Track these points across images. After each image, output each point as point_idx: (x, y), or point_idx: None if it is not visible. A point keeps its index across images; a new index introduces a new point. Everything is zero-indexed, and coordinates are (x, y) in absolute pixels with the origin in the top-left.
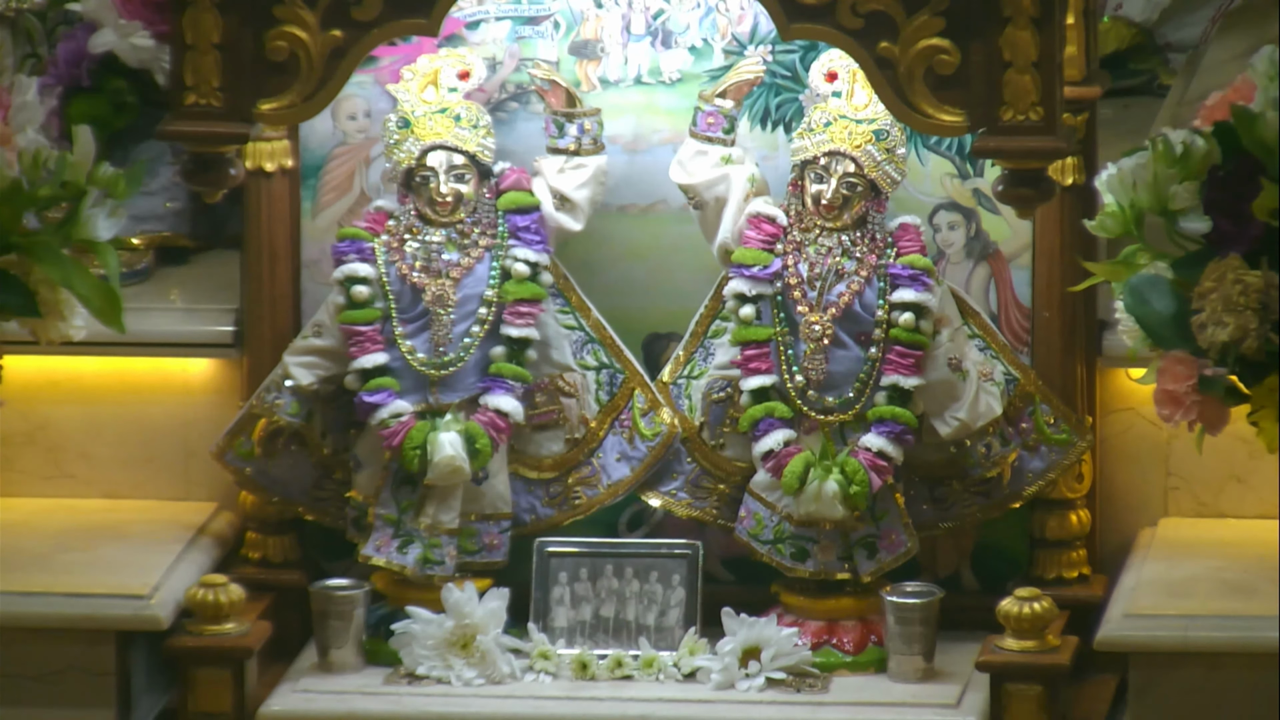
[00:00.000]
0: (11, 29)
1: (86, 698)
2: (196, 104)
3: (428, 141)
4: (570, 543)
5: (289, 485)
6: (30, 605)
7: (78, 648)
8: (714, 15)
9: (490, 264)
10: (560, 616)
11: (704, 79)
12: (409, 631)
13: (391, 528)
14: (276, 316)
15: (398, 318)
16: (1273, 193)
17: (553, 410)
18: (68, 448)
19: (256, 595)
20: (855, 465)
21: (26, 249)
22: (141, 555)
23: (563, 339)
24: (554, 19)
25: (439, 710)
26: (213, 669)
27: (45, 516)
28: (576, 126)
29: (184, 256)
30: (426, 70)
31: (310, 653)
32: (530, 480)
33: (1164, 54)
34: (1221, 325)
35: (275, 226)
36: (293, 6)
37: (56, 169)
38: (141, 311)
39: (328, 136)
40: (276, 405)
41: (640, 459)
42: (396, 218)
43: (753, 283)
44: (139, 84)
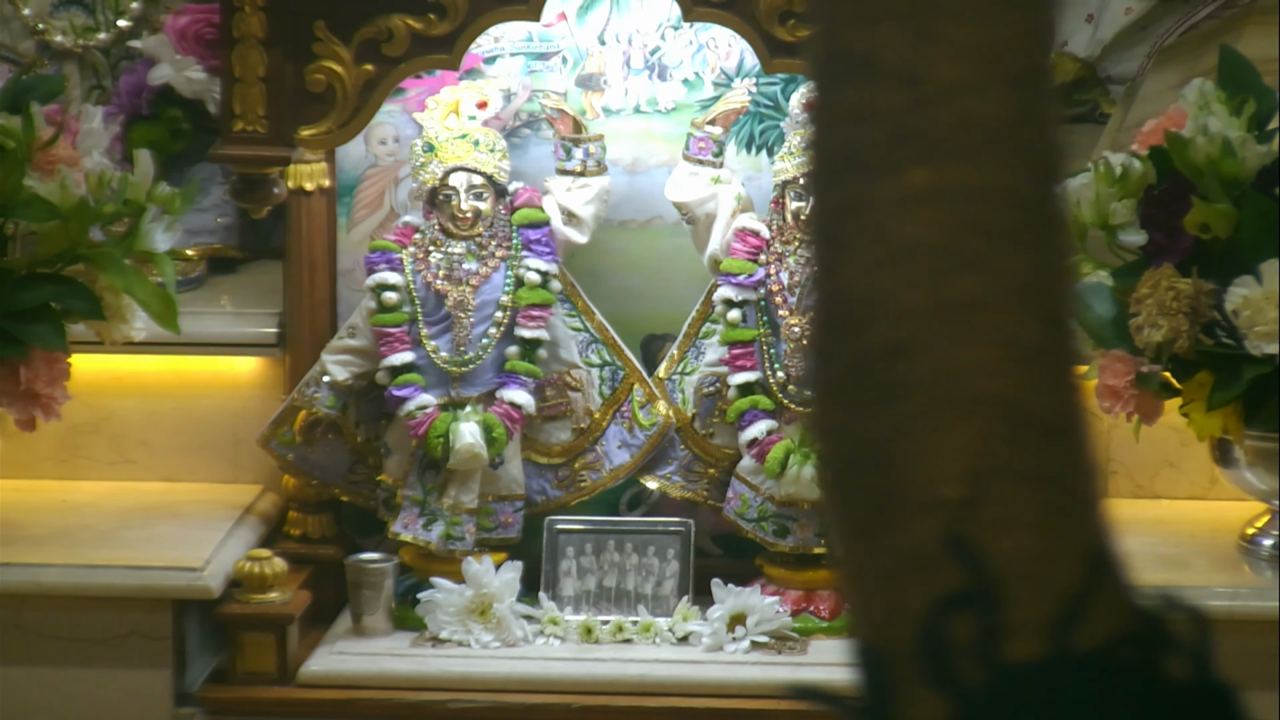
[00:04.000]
0: (79, 64)
1: (146, 659)
2: (244, 130)
3: (450, 164)
4: (577, 521)
5: (326, 470)
6: (95, 577)
7: (138, 615)
8: (704, 51)
9: (505, 273)
10: (568, 586)
11: (696, 108)
12: (433, 600)
13: (418, 508)
14: (315, 320)
15: (423, 321)
16: (1202, 210)
17: (561, 403)
18: (129, 436)
19: (297, 568)
20: None
21: (92, 259)
22: (195, 532)
23: (570, 339)
24: (562, 55)
25: (460, 670)
26: (258, 633)
27: (109, 498)
28: (582, 150)
29: (233, 266)
30: (449, 100)
31: (345, 619)
32: (541, 465)
33: (1105, 86)
34: (1156, 327)
35: (314, 239)
36: (330, 44)
37: (119, 188)
38: (195, 315)
39: (361, 159)
40: (315, 398)
41: (639, 446)
42: (422, 231)
43: (739, 289)
44: (193, 113)
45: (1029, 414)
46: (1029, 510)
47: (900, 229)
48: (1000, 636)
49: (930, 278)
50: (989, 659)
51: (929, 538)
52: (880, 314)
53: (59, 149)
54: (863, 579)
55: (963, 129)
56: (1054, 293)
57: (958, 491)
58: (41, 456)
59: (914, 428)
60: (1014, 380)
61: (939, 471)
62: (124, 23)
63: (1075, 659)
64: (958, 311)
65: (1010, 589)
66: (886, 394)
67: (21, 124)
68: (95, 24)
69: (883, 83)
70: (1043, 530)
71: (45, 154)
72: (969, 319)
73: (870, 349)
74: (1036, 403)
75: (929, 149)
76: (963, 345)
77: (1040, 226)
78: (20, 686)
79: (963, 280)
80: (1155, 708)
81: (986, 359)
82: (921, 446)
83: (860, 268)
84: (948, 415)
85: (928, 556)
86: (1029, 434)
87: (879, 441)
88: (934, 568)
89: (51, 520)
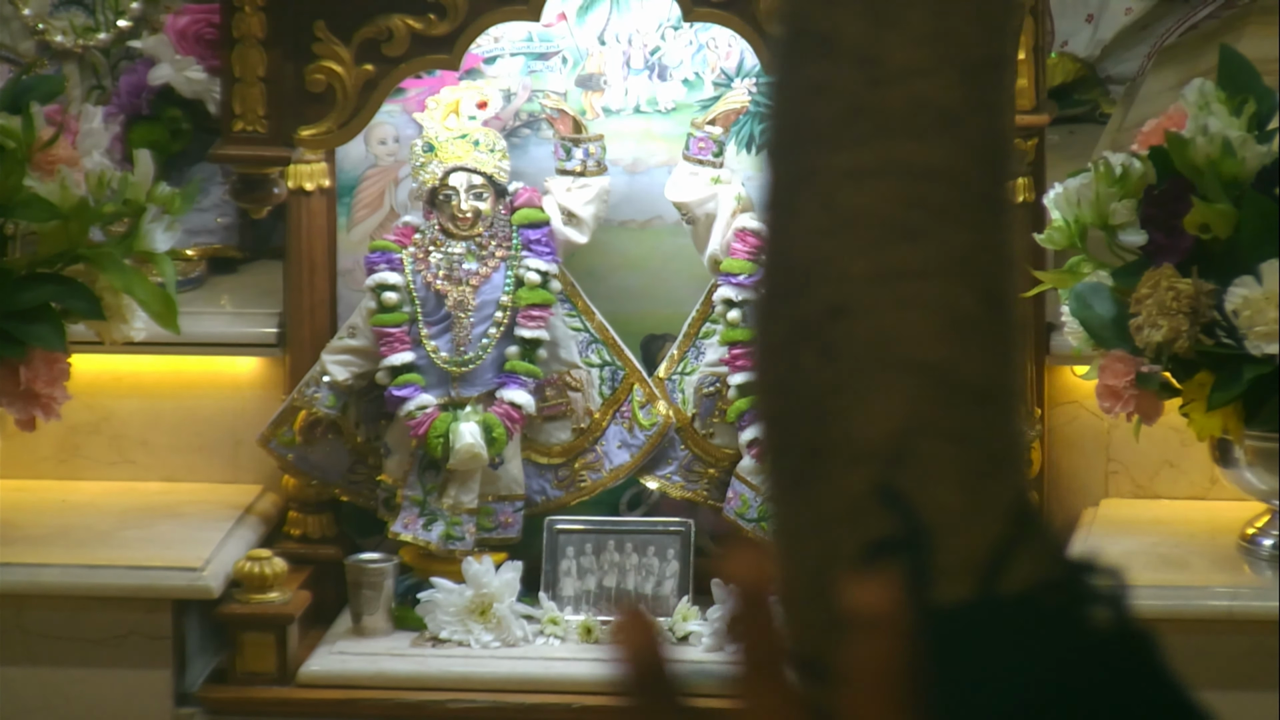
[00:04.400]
0: (79, 64)
1: (146, 659)
2: (244, 130)
3: (450, 164)
4: (577, 520)
5: (326, 470)
6: (95, 576)
7: (138, 614)
8: (704, 51)
9: (505, 273)
10: (568, 586)
11: (696, 108)
12: (433, 600)
13: (417, 507)
14: (315, 320)
15: (423, 320)
16: (1201, 210)
17: (561, 403)
18: (129, 436)
19: (297, 568)
20: None
21: (92, 259)
22: (195, 532)
23: (570, 339)
24: (562, 55)
25: (460, 670)
26: (258, 633)
27: (109, 498)
28: (582, 151)
29: (233, 266)
30: (449, 100)
31: (345, 619)
32: (541, 465)
33: (1105, 86)
34: (1156, 327)
35: (314, 240)
36: (329, 44)
37: (119, 188)
38: (195, 315)
39: (360, 159)
40: (315, 398)
41: (639, 446)
42: (422, 231)
43: (739, 289)
44: (193, 113)
45: (958, 379)
46: (954, 467)
47: (847, 199)
48: (929, 580)
49: (872, 246)
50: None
51: (860, 488)
52: (823, 278)
53: (59, 149)
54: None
55: (913, 110)
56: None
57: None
58: (41, 456)
59: (848, 385)
60: (946, 347)
61: (869, 427)
62: (124, 23)
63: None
64: (896, 279)
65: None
66: (824, 352)
67: (21, 124)
68: (95, 24)
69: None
70: (967, 486)
71: (45, 154)
72: (906, 287)
73: (811, 310)
74: (967, 369)
75: (880, 127)
76: (899, 311)
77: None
78: (20, 686)
79: (902, 250)
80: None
81: (920, 325)
82: (854, 403)
83: (806, 234)
84: (881, 376)
85: (859, 506)
86: (957, 397)
87: (815, 397)
88: (865, 516)
89: (51, 520)
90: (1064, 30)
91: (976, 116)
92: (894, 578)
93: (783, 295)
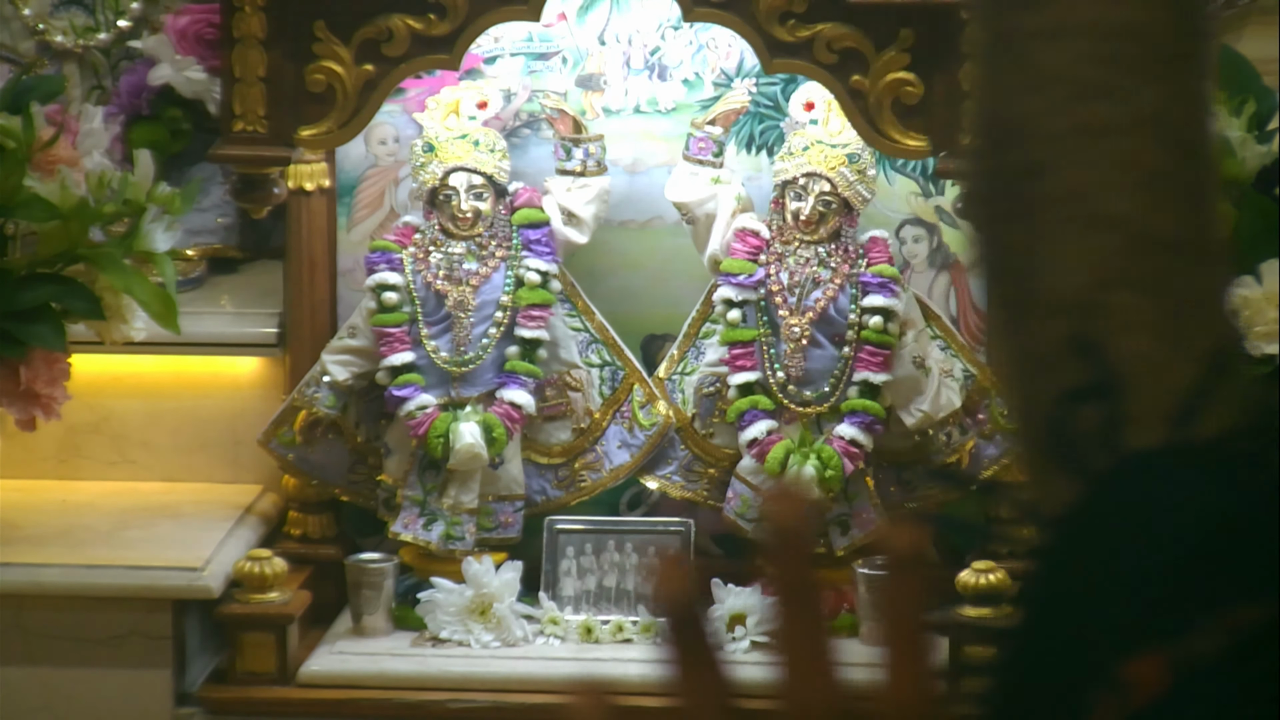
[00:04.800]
0: (79, 64)
1: (146, 659)
2: (244, 130)
3: (450, 164)
4: (577, 520)
5: (327, 469)
6: (95, 576)
7: (138, 614)
8: (704, 51)
9: (505, 273)
10: (568, 586)
11: (696, 108)
12: (433, 600)
13: (418, 507)
14: (315, 320)
15: (423, 320)
16: None
17: (561, 403)
18: (130, 436)
19: (297, 568)
20: (830, 452)
21: (92, 259)
22: (195, 532)
23: (570, 340)
24: (562, 55)
25: (460, 670)
26: (258, 633)
27: (109, 498)
28: (582, 151)
29: (233, 266)
30: (449, 100)
31: (345, 619)
32: (541, 465)
33: None
34: None
35: (314, 240)
36: (330, 44)
37: (119, 188)
38: (195, 315)
39: (361, 159)
40: (315, 398)
41: (639, 446)
42: (422, 231)
43: (739, 289)
44: (193, 113)
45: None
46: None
47: (1041, 59)
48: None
49: (1066, 104)
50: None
51: (1056, 338)
52: (1020, 136)
53: (59, 149)
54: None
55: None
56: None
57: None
58: (41, 456)
59: (1043, 240)
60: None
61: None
62: (124, 23)
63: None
64: (1088, 136)
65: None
66: (1022, 209)
67: (21, 124)
68: (95, 24)
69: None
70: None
71: (45, 154)
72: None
73: (1010, 166)
74: (1158, 222)
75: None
76: (1091, 168)
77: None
78: (20, 686)
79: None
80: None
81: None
82: (1049, 256)
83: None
84: (1074, 230)
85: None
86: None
87: (1014, 250)
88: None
89: (51, 520)
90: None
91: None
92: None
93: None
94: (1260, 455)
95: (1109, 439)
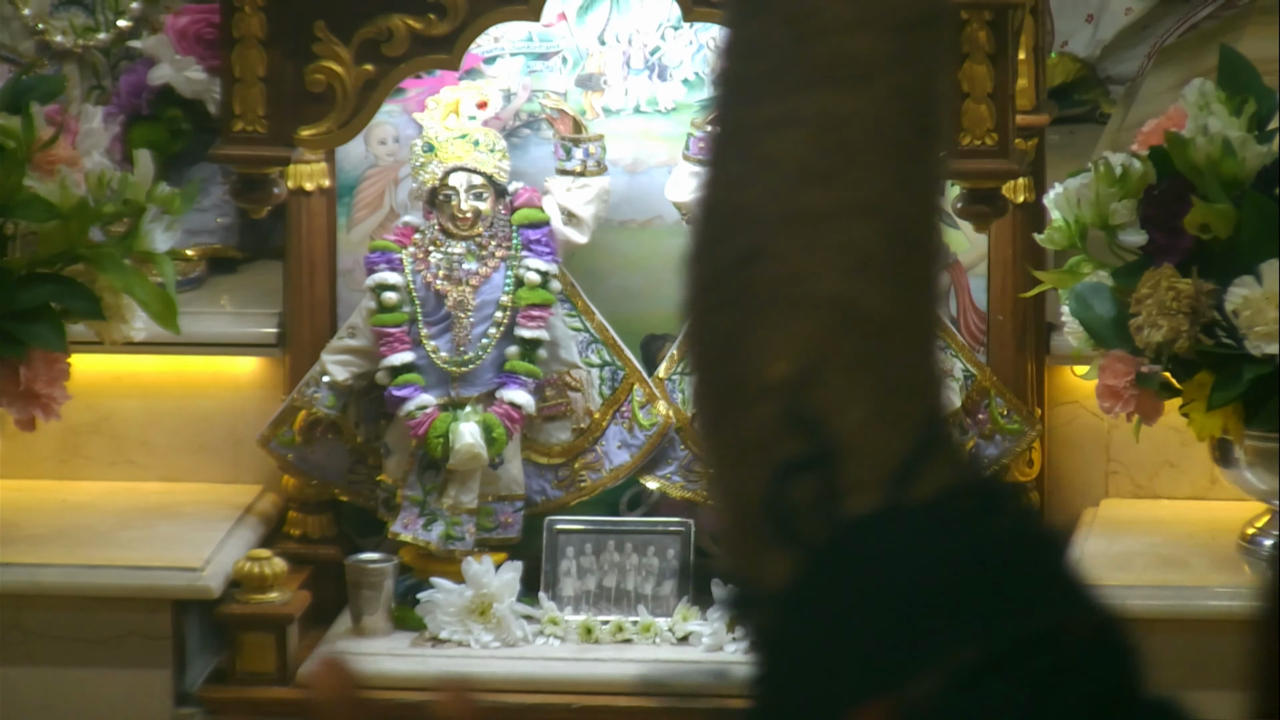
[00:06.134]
0: (79, 64)
1: (146, 659)
2: (244, 131)
3: (450, 164)
4: (577, 521)
5: (326, 470)
6: (95, 577)
7: (137, 615)
8: (704, 51)
9: (505, 273)
10: (568, 586)
11: (696, 108)
12: (433, 600)
13: (417, 508)
14: (315, 320)
15: (423, 320)
16: (1202, 210)
17: (561, 403)
18: (129, 436)
19: (297, 568)
20: None
21: (92, 259)
22: (195, 532)
23: (570, 340)
24: (562, 55)
25: (460, 670)
26: (258, 634)
27: (109, 498)
28: (582, 151)
29: (233, 266)
30: (449, 100)
31: (345, 619)
32: (541, 465)
33: (1105, 86)
34: (1156, 327)
35: (314, 240)
36: (329, 44)
37: (119, 188)
38: (195, 315)
39: (360, 159)
40: (315, 399)
41: (639, 446)
42: (422, 231)
43: None
44: (193, 113)
45: (862, 312)
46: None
47: (767, 147)
48: (839, 495)
49: (785, 190)
50: (830, 515)
51: (767, 419)
52: (739, 225)
53: (59, 149)
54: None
55: (836, 62)
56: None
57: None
58: (41, 456)
59: (755, 324)
60: (850, 283)
61: (775, 361)
62: (124, 23)
63: (909, 510)
64: (805, 221)
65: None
66: (737, 295)
67: (21, 124)
68: (95, 24)
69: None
70: (873, 408)
71: (45, 154)
72: (814, 228)
73: (728, 256)
74: (870, 303)
75: (802, 79)
76: (806, 252)
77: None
78: (20, 686)
79: (813, 193)
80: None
81: (825, 264)
82: (761, 339)
83: (730, 182)
84: (785, 312)
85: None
86: (861, 329)
87: (726, 337)
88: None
89: (51, 520)
90: (1064, 30)
91: (901, 69)
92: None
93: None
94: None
95: (827, 509)
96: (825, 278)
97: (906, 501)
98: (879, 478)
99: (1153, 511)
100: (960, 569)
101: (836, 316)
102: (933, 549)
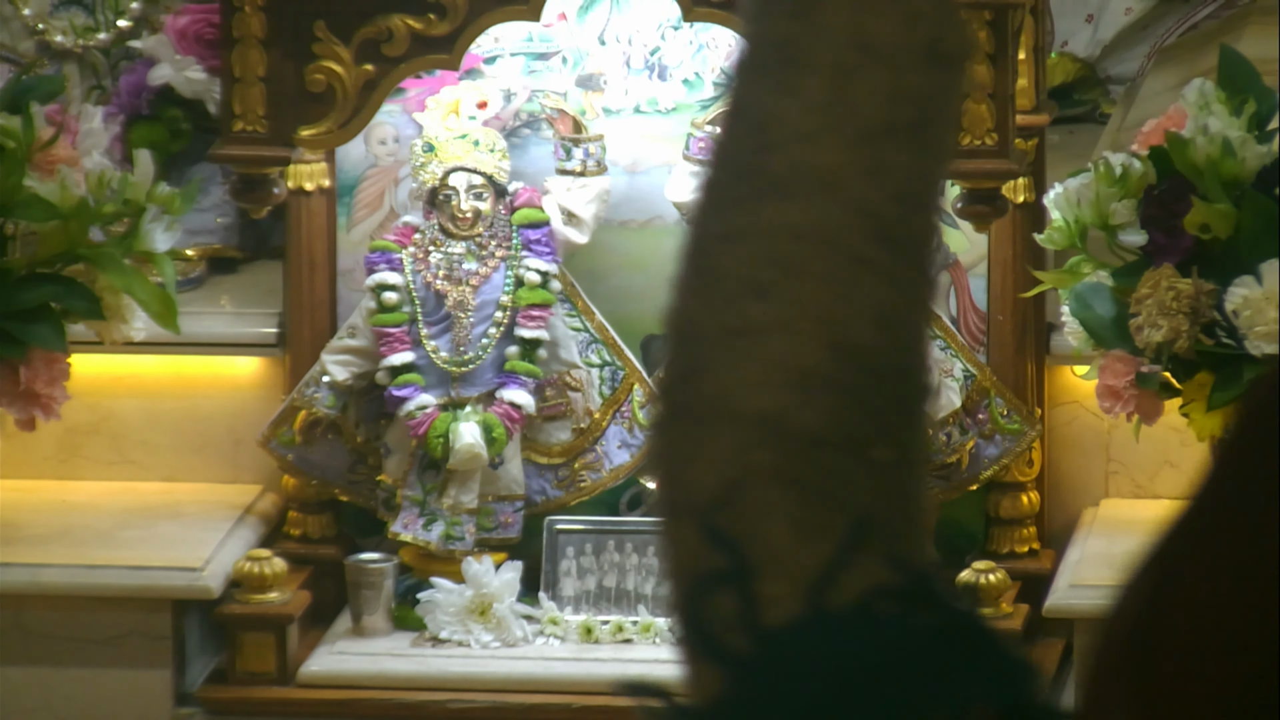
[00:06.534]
0: (79, 64)
1: (146, 659)
2: (244, 130)
3: (450, 164)
4: (577, 521)
5: (326, 470)
6: (95, 577)
7: (138, 615)
8: (704, 51)
9: (505, 273)
10: (568, 586)
11: (696, 108)
12: (433, 600)
13: (417, 507)
14: (315, 320)
15: (423, 320)
16: (1202, 210)
17: (561, 403)
18: (129, 436)
19: (297, 568)
20: None
21: (92, 259)
22: (195, 532)
23: (570, 340)
24: (562, 55)
25: (460, 670)
26: (258, 633)
27: (109, 498)
28: (582, 151)
29: (233, 266)
30: (449, 100)
31: (345, 619)
32: (541, 465)
33: (1105, 86)
34: (1156, 327)
35: (314, 240)
36: (330, 44)
37: (119, 188)
38: (195, 315)
39: (361, 159)
40: (315, 399)
41: (639, 446)
42: (422, 231)
43: None
44: (193, 113)
45: (792, 427)
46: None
47: (718, 260)
48: (758, 608)
49: (723, 305)
50: (750, 627)
51: (692, 535)
52: (684, 340)
53: (59, 149)
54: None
55: (792, 173)
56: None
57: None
58: (41, 456)
59: (686, 441)
60: (779, 397)
61: (699, 478)
62: (124, 23)
63: (831, 617)
64: (740, 336)
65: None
66: (676, 413)
67: (21, 124)
68: (95, 24)
69: (738, 127)
70: (797, 522)
71: (45, 154)
72: (750, 343)
73: (673, 372)
74: (802, 417)
75: (758, 190)
76: (738, 368)
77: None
78: (20, 686)
79: (749, 308)
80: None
81: (757, 379)
82: (689, 456)
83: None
84: (712, 429)
85: (693, 554)
86: (789, 444)
87: (665, 455)
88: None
89: (51, 520)
90: (1064, 30)
91: (859, 180)
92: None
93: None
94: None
95: (746, 621)
96: (755, 393)
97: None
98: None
99: (1153, 511)
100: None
101: (763, 430)
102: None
